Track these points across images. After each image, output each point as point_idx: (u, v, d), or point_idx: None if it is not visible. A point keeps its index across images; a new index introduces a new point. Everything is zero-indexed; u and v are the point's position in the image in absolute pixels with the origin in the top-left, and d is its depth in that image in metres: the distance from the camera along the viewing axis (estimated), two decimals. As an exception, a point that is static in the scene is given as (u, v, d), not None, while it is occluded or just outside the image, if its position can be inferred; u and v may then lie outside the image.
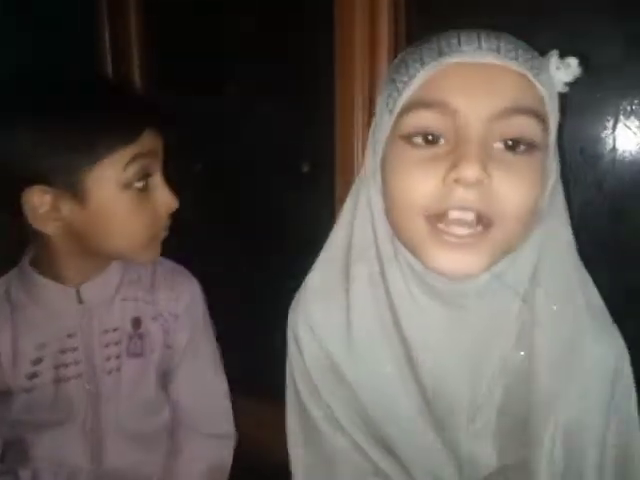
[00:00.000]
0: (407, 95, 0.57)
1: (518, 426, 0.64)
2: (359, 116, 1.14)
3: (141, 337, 0.90)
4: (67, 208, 0.78)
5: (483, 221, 0.55)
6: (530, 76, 0.56)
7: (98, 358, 0.88)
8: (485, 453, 0.66)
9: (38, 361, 0.85)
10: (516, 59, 0.56)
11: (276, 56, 1.25)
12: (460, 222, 0.55)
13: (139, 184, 0.80)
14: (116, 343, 0.88)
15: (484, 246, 0.56)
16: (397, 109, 0.58)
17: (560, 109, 0.60)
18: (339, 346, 0.69)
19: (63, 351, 0.86)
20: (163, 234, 0.86)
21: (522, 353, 0.64)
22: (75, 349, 0.87)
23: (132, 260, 0.88)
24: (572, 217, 0.73)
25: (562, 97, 0.61)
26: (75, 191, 0.77)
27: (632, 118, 0.97)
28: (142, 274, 0.93)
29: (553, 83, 0.59)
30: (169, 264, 0.97)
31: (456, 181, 0.53)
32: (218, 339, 1.02)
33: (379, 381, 0.67)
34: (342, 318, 0.68)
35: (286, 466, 0.77)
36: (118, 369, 0.89)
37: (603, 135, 0.99)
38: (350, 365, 0.68)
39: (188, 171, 1.37)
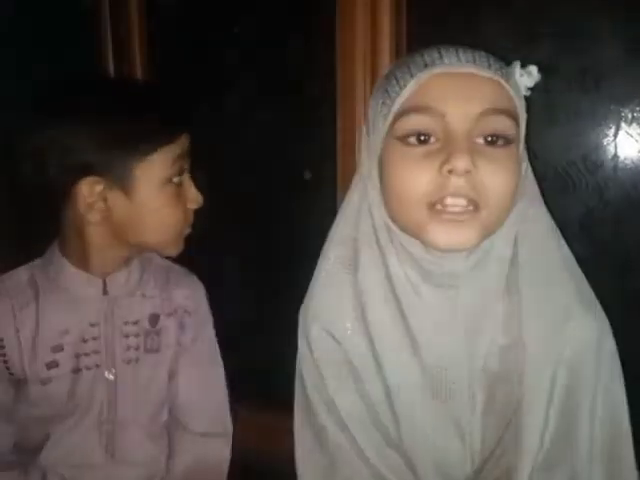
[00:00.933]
0: (399, 102, 0.67)
1: (510, 401, 0.71)
2: (361, 124, 1.14)
3: (158, 333, 0.94)
4: (114, 200, 0.83)
5: (473, 204, 0.64)
6: (502, 81, 0.66)
7: (118, 348, 0.90)
8: (485, 432, 0.73)
9: (59, 348, 0.87)
10: (489, 67, 0.66)
11: (277, 62, 1.26)
12: (455, 206, 0.65)
13: (177, 180, 0.86)
14: (136, 335, 0.92)
15: (474, 223, 0.65)
16: (391, 114, 0.67)
17: (525, 109, 0.71)
18: (350, 335, 0.75)
19: (85, 340, 0.88)
20: (188, 230, 0.91)
21: (507, 341, 0.71)
22: (96, 338, 0.89)
23: (159, 252, 0.93)
24: (574, 224, 0.74)
25: (526, 99, 0.72)
26: (124, 184, 0.83)
27: (634, 125, 0.98)
28: (158, 274, 0.97)
29: (519, 87, 0.70)
30: (179, 267, 1.02)
31: (450, 171, 0.63)
32: (220, 342, 1.04)
33: (385, 369, 0.73)
34: (354, 304, 0.75)
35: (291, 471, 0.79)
36: (137, 360, 0.92)
37: (605, 142, 0.99)
38: (359, 352, 0.75)
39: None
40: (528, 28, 1.00)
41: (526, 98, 0.71)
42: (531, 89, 0.71)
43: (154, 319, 0.94)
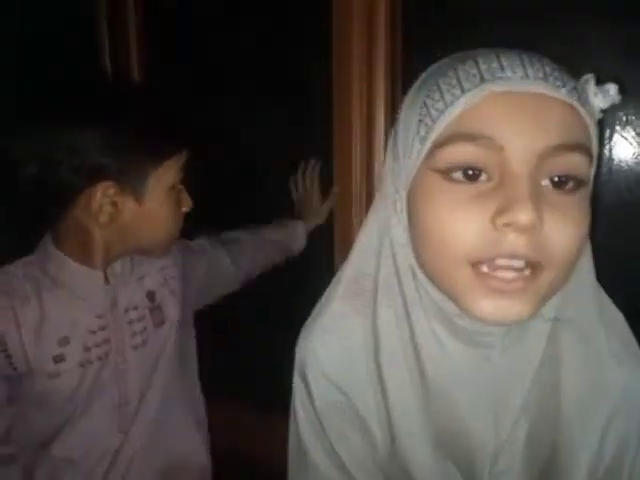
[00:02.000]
0: (443, 123, 0.52)
1: (544, 466, 0.62)
2: (357, 130, 1.15)
3: (159, 307, 0.98)
4: (124, 204, 0.86)
5: (532, 266, 0.51)
6: (577, 106, 0.51)
7: (125, 335, 0.93)
8: None
9: (65, 341, 0.88)
10: (563, 87, 0.51)
11: (275, 64, 1.27)
12: (508, 268, 0.51)
13: (180, 186, 0.91)
14: (139, 320, 0.95)
15: (532, 291, 0.51)
16: (431, 139, 0.53)
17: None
18: (357, 383, 0.65)
19: (93, 331, 0.90)
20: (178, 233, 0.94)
21: (541, 400, 0.61)
22: (104, 328, 0.91)
23: (150, 254, 0.95)
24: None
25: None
26: (137, 190, 0.86)
27: (628, 128, 0.98)
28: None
29: (594, 112, 0.54)
30: None
31: (507, 225, 0.49)
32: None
33: (396, 428, 0.63)
34: (367, 355, 0.64)
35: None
36: (143, 343, 0.94)
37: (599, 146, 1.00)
38: (367, 403, 0.64)
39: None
40: (525, 34, 1.01)
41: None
42: (604, 111, 0.55)
43: (152, 296, 0.97)
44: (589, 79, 0.53)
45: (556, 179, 0.51)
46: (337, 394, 0.65)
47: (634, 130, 0.98)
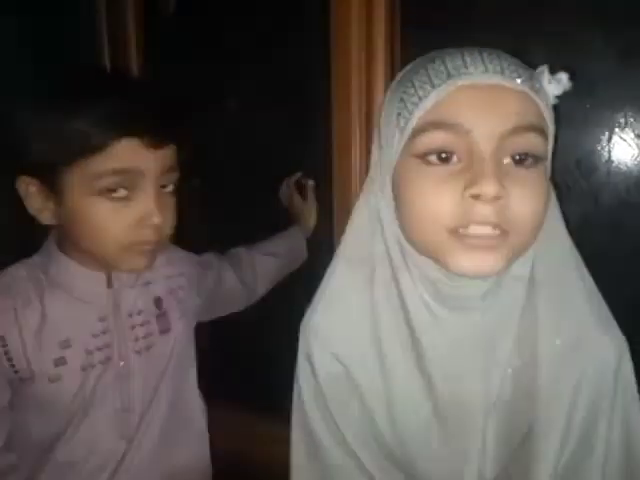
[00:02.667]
0: (418, 115, 0.60)
1: (522, 424, 0.68)
2: (357, 130, 1.15)
3: (165, 314, 0.96)
4: (51, 203, 0.81)
5: (500, 230, 0.59)
6: (531, 94, 0.60)
7: (128, 339, 0.91)
8: (496, 456, 0.69)
9: (67, 344, 0.86)
10: (518, 78, 0.60)
11: (274, 68, 1.26)
12: (479, 233, 0.59)
13: (117, 194, 0.79)
14: (142, 324, 0.93)
15: (502, 249, 0.59)
16: (409, 129, 0.61)
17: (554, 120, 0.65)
18: (358, 355, 0.71)
19: (95, 335, 0.88)
20: (147, 247, 0.84)
21: (521, 363, 0.68)
22: (106, 332, 0.89)
23: (115, 267, 0.87)
24: (568, 228, 0.74)
25: (554, 108, 0.66)
26: (53, 188, 0.80)
27: (627, 130, 0.98)
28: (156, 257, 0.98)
29: (548, 97, 0.63)
30: (169, 244, 1.01)
31: (475, 197, 0.57)
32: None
33: (394, 392, 0.70)
34: (365, 327, 0.71)
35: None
36: (147, 349, 0.93)
37: (598, 147, 1.00)
38: (366, 373, 0.71)
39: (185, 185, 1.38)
40: (522, 35, 1.01)
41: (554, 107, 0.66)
42: (558, 97, 0.64)
43: (158, 302, 0.96)
44: (543, 70, 0.63)
45: (517, 157, 0.59)
46: (339, 366, 0.72)
47: (633, 132, 0.98)
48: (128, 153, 0.78)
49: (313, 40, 1.20)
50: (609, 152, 1.00)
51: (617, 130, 0.99)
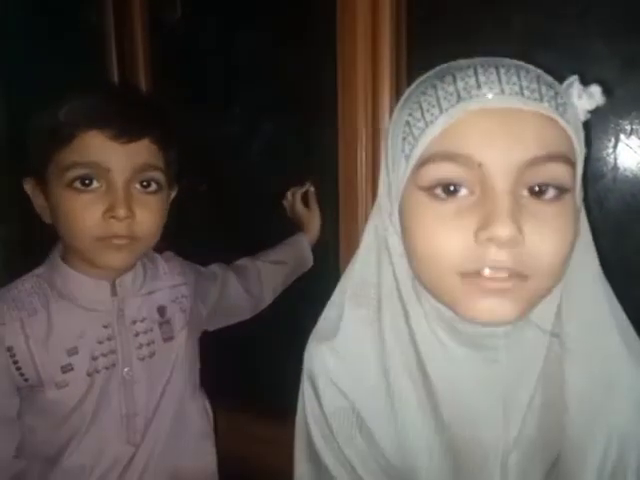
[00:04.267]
0: (424, 142, 0.54)
1: (553, 465, 0.62)
2: (362, 135, 1.15)
3: (169, 322, 0.98)
4: (36, 200, 0.87)
5: (517, 276, 0.52)
6: (555, 115, 0.52)
7: (132, 346, 0.93)
8: None
9: (74, 351, 0.88)
10: (541, 100, 0.52)
11: (280, 75, 1.27)
12: (494, 277, 0.53)
13: (84, 187, 0.82)
14: (145, 332, 0.94)
15: (520, 295, 0.53)
16: (414, 158, 0.55)
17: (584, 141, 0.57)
18: (364, 391, 0.66)
19: (100, 341, 0.90)
20: (118, 241, 0.84)
21: (547, 399, 0.62)
22: (111, 338, 0.91)
23: (97, 263, 0.87)
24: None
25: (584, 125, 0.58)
26: (42, 185, 0.85)
27: (632, 137, 0.99)
28: (158, 268, 1.00)
29: (578, 117, 0.55)
30: (169, 254, 1.05)
31: (489, 240, 0.51)
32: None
33: (403, 426, 0.64)
34: (372, 361, 0.65)
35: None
36: (151, 355, 0.94)
37: (604, 154, 1.00)
38: (374, 410, 0.65)
39: (192, 190, 1.38)
40: (526, 43, 1.02)
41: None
42: (591, 112, 0.57)
43: (162, 310, 0.97)
44: (573, 82, 0.55)
45: (536, 189, 0.52)
46: (345, 401, 0.66)
47: (639, 139, 0.98)
48: (94, 146, 0.81)
49: (319, 51, 1.21)
50: (615, 159, 1.00)
51: (623, 137, 0.99)
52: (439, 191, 0.53)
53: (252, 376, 1.38)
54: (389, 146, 0.61)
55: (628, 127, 0.98)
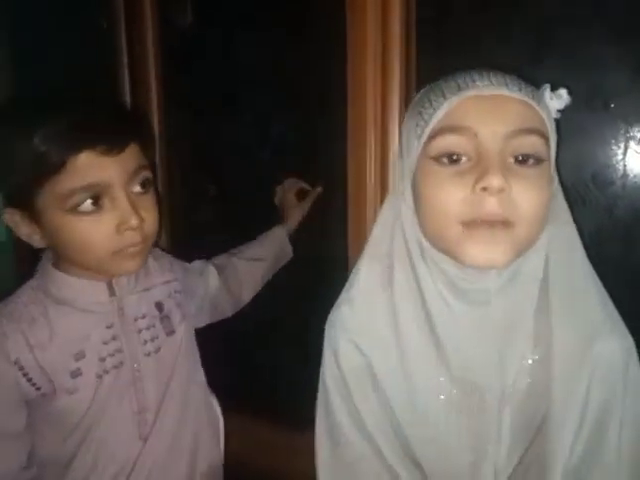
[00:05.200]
0: (433, 123, 0.69)
1: (537, 417, 0.72)
2: (371, 136, 1.16)
3: (168, 317, 0.99)
4: (35, 226, 0.84)
5: (506, 222, 0.66)
6: (532, 103, 0.69)
7: (137, 343, 0.93)
8: (511, 448, 0.73)
9: (81, 355, 0.88)
10: (520, 90, 0.69)
11: (290, 77, 1.28)
12: (489, 223, 0.66)
13: (87, 209, 0.81)
14: (147, 328, 0.95)
15: (509, 241, 0.66)
16: (425, 135, 0.70)
17: (556, 130, 0.73)
18: (379, 346, 0.77)
19: (105, 342, 0.90)
20: (133, 249, 0.85)
21: (535, 357, 0.73)
22: (115, 338, 0.91)
23: (111, 273, 0.89)
24: (584, 241, 0.75)
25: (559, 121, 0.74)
26: (32, 213, 0.82)
27: (642, 144, 0.99)
28: (150, 265, 1.00)
29: (549, 111, 0.72)
30: (158, 252, 1.05)
31: (483, 189, 0.65)
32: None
33: (413, 381, 0.75)
34: (387, 320, 0.77)
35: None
36: (156, 351, 0.95)
37: (614, 162, 1.01)
38: (387, 365, 0.76)
39: (202, 194, 1.39)
40: (537, 51, 1.02)
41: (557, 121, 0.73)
42: (560, 111, 0.73)
43: (160, 306, 0.98)
44: (545, 87, 0.73)
45: (519, 157, 0.67)
46: (361, 357, 0.78)
47: (648, 146, 0.99)
48: (89, 166, 0.79)
49: (328, 54, 1.21)
50: (624, 166, 1.00)
51: (632, 144, 0.99)
52: (444, 159, 0.68)
53: (261, 382, 1.39)
54: (403, 138, 0.77)
55: (638, 134, 0.99)
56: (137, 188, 0.85)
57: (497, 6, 1.07)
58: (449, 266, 0.72)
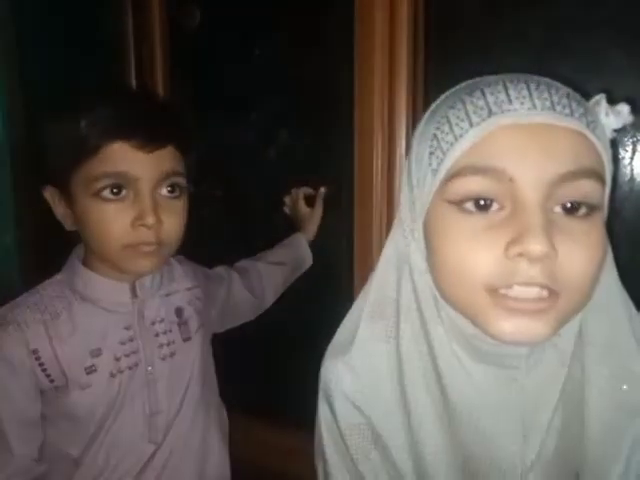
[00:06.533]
0: (453, 156, 0.54)
1: (570, 476, 0.61)
2: (378, 143, 1.16)
3: (186, 323, 1.00)
4: (68, 208, 0.87)
5: (548, 291, 0.52)
6: (586, 132, 0.52)
7: (153, 346, 0.94)
8: None
9: (97, 353, 0.89)
10: (572, 115, 0.52)
11: (297, 82, 1.29)
12: (524, 295, 0.52)
13: (112, 196, 0.83)
14: (164, 332, 0.96)
15: (550, 314, 0.52)
16: (443, 172, 0.55)
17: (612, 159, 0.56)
18: (381, 407, 0.65)
19: (122, 342, 0.91)
20: (147, 248, 0.85)
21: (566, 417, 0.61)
22: (132, 339, 0.92)
23: (126, 270, 0.89)
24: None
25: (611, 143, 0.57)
26: (66, 194, 0.86)
27: (649, 148, 0.99)
28: (173, 270, 1.02)
29: (606, 134, 0.55)
30: (183, 258, 1.07)
31: (520, 255, 0.50)
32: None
33: (420, 444, 0.63)
34: (389, 378, 0.65)
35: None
36: (172, 355, 0.96)
37: (621, 165, 1.01)
38: (391, 427, 0.65)
39: (208, 197, 1.39)
40: (545, 55, 1.02)
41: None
42: (617, 131, 0.57)
43: (180, 312, 0.99)
44: (600, 100, 0.55)
45: (568, 205, 0.52)
46: (360, 417, 0.66)
47: (655, 150, 0.98)
48: (120, 156, 0.82)
49: (336, 59, 1.22)
50: (632, 170, 1.00)
51: (639, 148, 0.99)
52: (469, 205, 0.53)
53: (270, 384, 1.39)
54: (413, 160, 0.61)
55: (645, 138, 0.99)
56: (165, 191, 0.86)
57: (506, 9, 1.07)
58: (469, 326, 0.57)
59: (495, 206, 0.52)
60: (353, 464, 0.66)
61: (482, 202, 0.52)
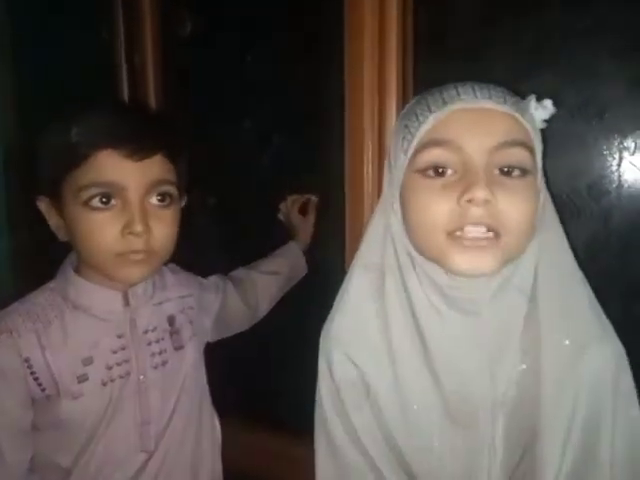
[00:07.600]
0: (419, 136, 0.70)
1: (529, 427, 0.72)
2: (369, 150, 1.17)
3: (178, 331, 1.00)
4: (60, 218, 0.87)
5: (493, 231, 0.67)
6: (517, 115, 0.69)
7: (145, 355, 0.94)
8: (504, 458, 0.73)
9: (89, 361, 0.89)
10: (505, 102, 0.69)
11: (289, 90, 1.30)
12: (475, 233, 0.67)
13: (100, 205, 0.83)
14: (157, 341, 0.96)
15: (495, 249, 0.67)
16: (412, 149, 0.71)
17: (542, 140, 0.73)
18: (371, 358, 0.77)
19: (114, 351, 0.91)
20: (136, 256, 0.85)
21: (524, 366, 0.73)
22: (124, 348, 0.92)
23: (117, 278, 0.89)
24: (579, 251, 0.76)
25: (543, 131, 0.74)
26: (58, 203, 0.86)
27: (636, 155, 1.00)
28: (165, 279, 1.02)
29: (535, 120, 0.72)
30: (173, 266, 1.07)
31: (469, 201, 0.65)
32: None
33: (405, 393, 0.75)
34: (378, 331, 0.77)
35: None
36: (163, 364, 0.96)
37: (608, 172, 1.01)
38: (379, 376, 0.77)
39: (201, 203, 1.40)
40: (533, 61, 1.03)
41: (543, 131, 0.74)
42: (547, 121, 0.73)
43: (172, 320, 0.99)
44: (531, 98, 0.72)
45: (505, 169, 0.68)
46: (354, 369, 0.78)
47: (642, 157, 0.99)
48: (109, 165, 0.82)
49: (327, 67, 1.23)
50: (619, 177, 1.01)
51: (626, 155, 1.00)
52: (431, 172, 0.69)
53: (264, 390, 1.39)
54: (391, 150, 0.78)
55: (632, 145, 1.00)
56: (155, 199, 0.86)
57: (495, 13, 1.08)
58: (439, 275, 0.72)
59: (449, 172, 0.69)
60: (348, 420, 0.78)
61: (440, 169, 0.69)
